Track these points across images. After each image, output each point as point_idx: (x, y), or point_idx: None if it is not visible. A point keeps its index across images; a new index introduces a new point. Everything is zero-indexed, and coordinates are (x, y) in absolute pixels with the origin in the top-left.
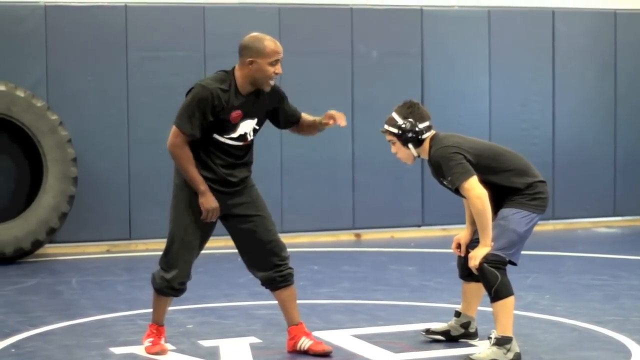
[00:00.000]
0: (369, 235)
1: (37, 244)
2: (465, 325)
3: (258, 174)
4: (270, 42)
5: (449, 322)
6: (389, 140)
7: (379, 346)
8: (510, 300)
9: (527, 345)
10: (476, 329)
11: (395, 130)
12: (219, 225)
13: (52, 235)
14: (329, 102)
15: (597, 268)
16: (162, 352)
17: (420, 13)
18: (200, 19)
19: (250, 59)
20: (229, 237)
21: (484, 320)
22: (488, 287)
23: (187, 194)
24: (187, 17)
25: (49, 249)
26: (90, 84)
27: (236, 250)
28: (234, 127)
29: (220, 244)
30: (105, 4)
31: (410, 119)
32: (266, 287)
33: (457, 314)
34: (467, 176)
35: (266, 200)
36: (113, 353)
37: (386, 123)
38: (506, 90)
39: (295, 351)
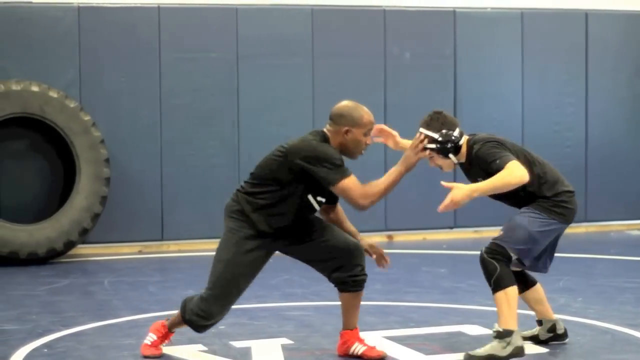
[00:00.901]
0: (401, 237)
1: (70, 245)
2: (552, 329)
3: None
4: (366, 113)
5: (537, 329)
6: (427, 156)
7: (410, 348)
8: (511, 291)
9: (559, 348)
10: (565, 329)
11: (434, 146)
12: None
13: (84, 235)
14: (362, 103)
15: (630, 271)
16: (153, 355)
17: (453, 15)
18: (232, 21)
19: (347, 128)
20: None
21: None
22: (487, 278)
23: (241, 238)
24: (219, 19)
25: (82, 249)
26: (123, 84)
27: None
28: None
29: None
30: (139, 5)
31: (444, 130)
32: (335, 286)
33: (540, 322)
34: (512, 158)
35: None
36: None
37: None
38: (539, 92)
39: (346, 355)
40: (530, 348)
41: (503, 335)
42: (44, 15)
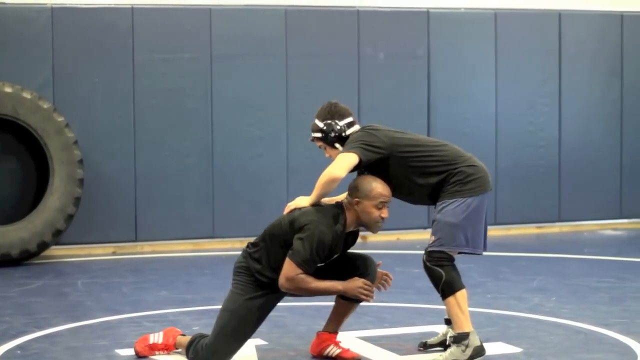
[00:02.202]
0: (375, 237)
1: (43, 246)
2: None
3: (265, 175)
4: (378, 185)
5: (443, 331)
6: (320, 147)
7: (384, 348)
8: (459, 295)
9: (532, 347)
10: None
11: (319, 135)
12: (228, 222)
13: (58, 236)
14: None
15: (603, 270)
16: (140, 352)
17: (427, 15)
18: (206, 21)
19: (357, 200)
20: (235, 239)
21: (489, 323)
22: (435, 285)
23: (247, 288)
24: (193, 19)
25: (55, 250)
26: (97, 85)
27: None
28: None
29: (227, 246)
30: (112, 5)
31: (330, 120)
32: None
33: (448, 322)
34: (350, 150)
35: (272, 202)
36: (119, 355)
37: (311, 131)
38: (513, 92)
39: (320, 356)
40: (503, 348)
41: (459, 339)
42: (17, 16)
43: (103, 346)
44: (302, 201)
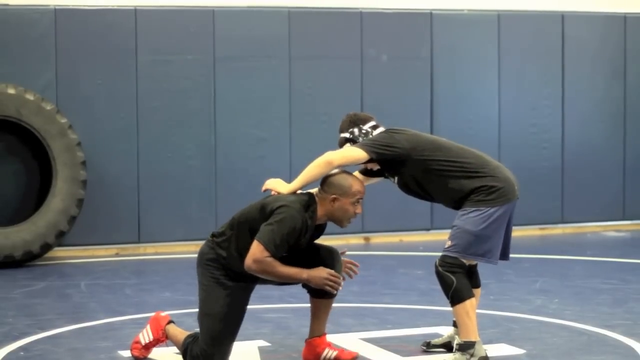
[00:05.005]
0: (378, 238)
1: (46, 247)
2: None
3: (267, 176)
4: (355, 182)
5: (449, 333)
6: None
7: (387, 350)
8: (468, 304)
9: (535, 349)
10: None
11: (349, 145)
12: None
13: (61, 238)
14: (339, 105)
15: (606, 272)
16: (138, 356)
17: (430, 17)
18: (209, 22)
19: (334, 196)
20: None
21: (492, 324)
22: (445, 291)
23: (225, 284)
24: (196, 20)
25: (58, 252)
26: (100, 87)
27: None
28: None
29: None
30: (115, 7)
31: (354, 127)
32: (309, 292)
33: (455, 324)
34: (361, 147)
35: None
36: (121, 356)
37: (339, 146)
38: (516, 94)
39: None
40: (506, 350)
41: (465, 347)
42: (20, 18)
43: (106, 347)
44: (281, 186)
